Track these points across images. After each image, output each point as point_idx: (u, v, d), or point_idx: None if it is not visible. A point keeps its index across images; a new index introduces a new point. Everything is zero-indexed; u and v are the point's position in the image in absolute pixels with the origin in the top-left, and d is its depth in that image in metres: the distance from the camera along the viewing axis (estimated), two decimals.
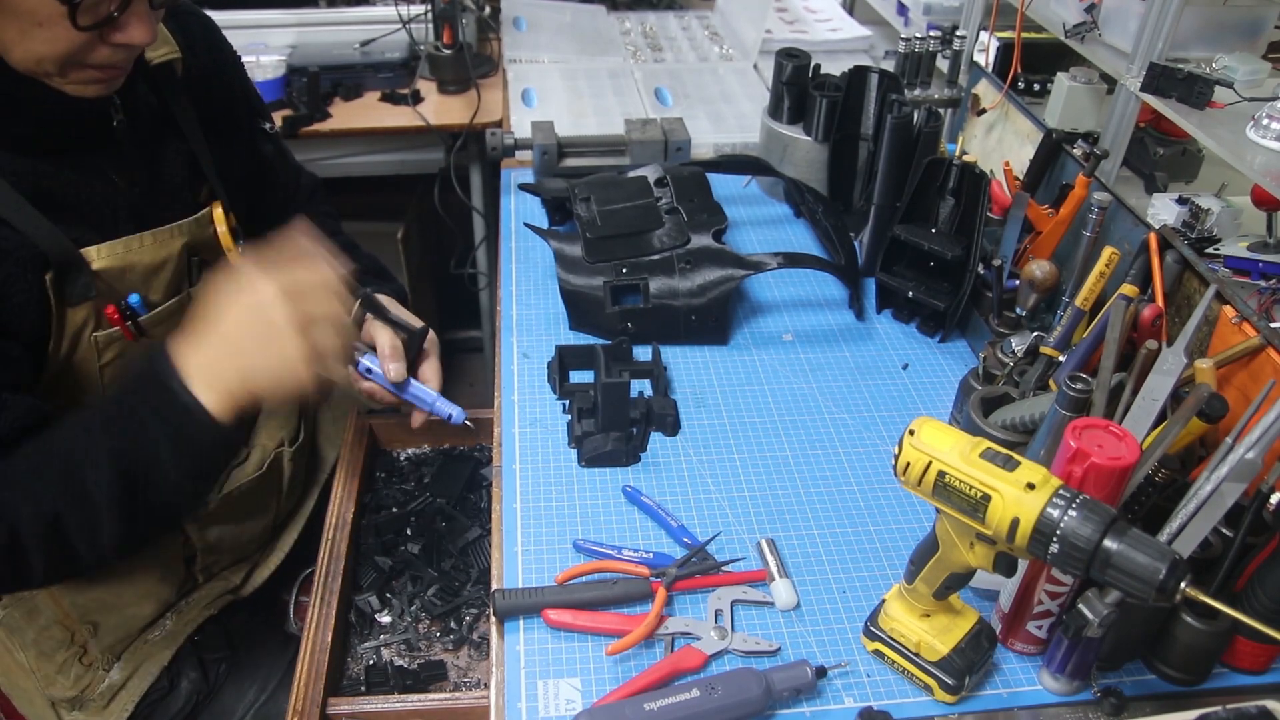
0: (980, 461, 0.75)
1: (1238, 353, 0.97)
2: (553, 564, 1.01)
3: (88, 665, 1.20)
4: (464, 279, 2.43)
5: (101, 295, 1.04)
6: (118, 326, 1.06)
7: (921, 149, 1.36)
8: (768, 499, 1.10)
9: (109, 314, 1.05)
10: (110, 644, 1.20)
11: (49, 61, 0.90)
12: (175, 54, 1.11)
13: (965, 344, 1.36)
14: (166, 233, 1.09)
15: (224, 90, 1.21)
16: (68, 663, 1.20)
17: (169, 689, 1.21)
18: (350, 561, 1.28)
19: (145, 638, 1.22)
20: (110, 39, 0.91)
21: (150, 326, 1.10)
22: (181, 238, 1.11)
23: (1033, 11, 1.51)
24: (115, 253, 1.04)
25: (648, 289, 1.30)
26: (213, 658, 1.24)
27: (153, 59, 1.08)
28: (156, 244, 1.08)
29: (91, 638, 1.20)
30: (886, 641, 0.90)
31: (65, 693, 1.19)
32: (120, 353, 1.08)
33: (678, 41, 2.34)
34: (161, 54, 1.09)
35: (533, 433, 1.17)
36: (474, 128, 2.02)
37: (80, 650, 1.20)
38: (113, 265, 1.04)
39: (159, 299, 1.11)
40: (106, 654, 1.20)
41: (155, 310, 1.10)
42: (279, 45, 2.10)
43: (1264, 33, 1.34)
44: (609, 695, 0.87)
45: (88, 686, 1.20)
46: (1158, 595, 0.68)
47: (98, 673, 1.20)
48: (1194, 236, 1.25)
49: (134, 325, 1.07)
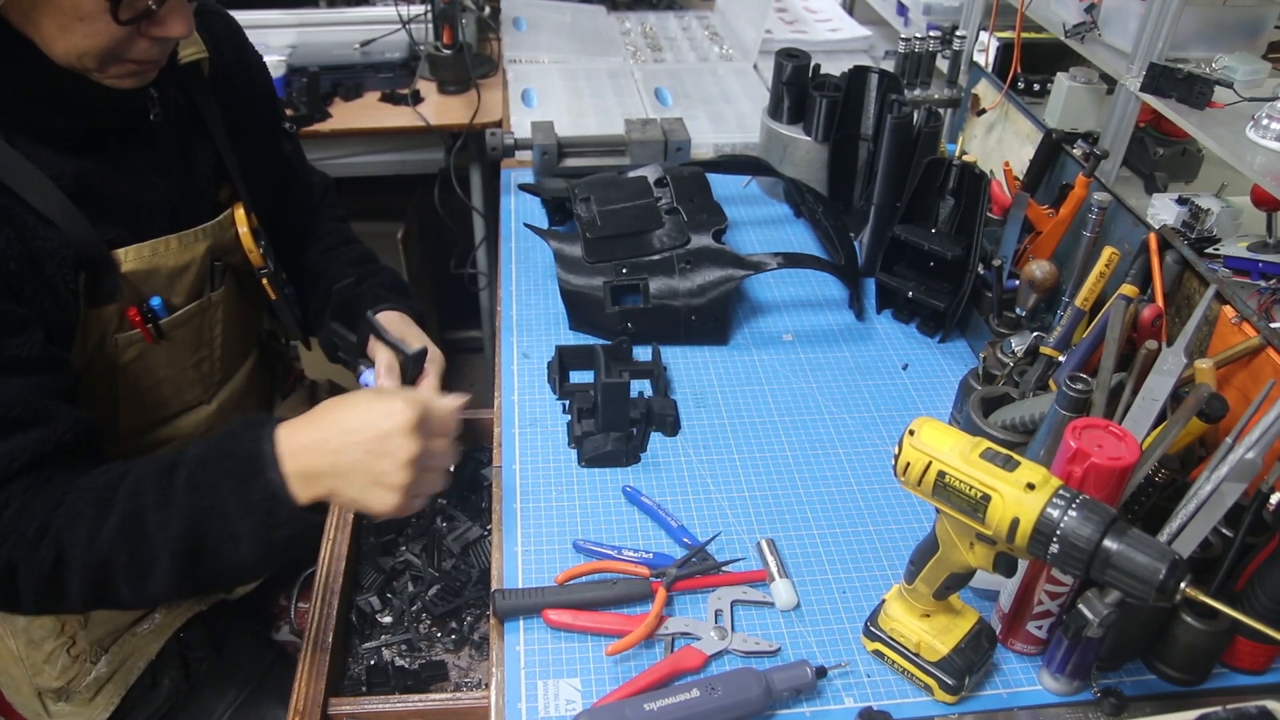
0: (980, 461, 0.75)
1: (1238, 353, 0.97)
2: (553, 564, 1.01)
3: (75, 657, 1.19)
4: (464, 279, 2.42)
5: (126, 297, 1.04)
6: (138, 329, 1.07)
7: (921, 149, 1.36)
8: (768, 499, 1.10)
9: (130, 315, 1.06)
10: (99, 636, 1.20)
11: (90, 56, 0.91)
12: (202, 53, 1.11)
13: (965, 344, 1.36)
14: (191, 236, 1.10)
15: (249, 89, 1.21)
16: (56, 653, 1.19)
17: (151, 684, 1.21)
18: (351, 562, 1.28)
19: (134, 631, 1.22)
20: (149, 32, 0.92)
21: (170, 329, 1.11)
22: (205, 241, 1.12)
23: (1033, 11, 1.51)
24: (142, 256, 1.05)
25: (648, 289, 1.30)
26: (196, 656, 1.24)
27: (182, 58, 1.09)
28: (182, 247, 1.09)
29: (81, 629, 1.20)
30: (886, 641, 0.90)
31: (52, 683, 1.19)
32: (138, 355, 1.08)
33: (678, 41, 2.34)
34: (189, 53, 1.10)
35: (533, 433, 1.18)
36: (474, 128, 2.02)
37: (69, 641, 1.20)
38: (140, 268, 1.05)
39: (181, 302, 1.12)
40: (94, 646, 1.20)
41: (176, 314, 1.11)
42: (279, 45, 2.10)
43: (1264, 33, 1.34)
44: (609, 695, 0.87)
45: (74, 678, 1.19)
46: (1158, 595, 0.68)
47: (84, 665, 1.20)
48: (1194, 236, 1.25)
49: (154, 328, 1.08)
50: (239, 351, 1.27)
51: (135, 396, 1.12)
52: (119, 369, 1.08)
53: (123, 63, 0.94)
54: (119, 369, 1.08)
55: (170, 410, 1.18)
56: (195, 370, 1.18)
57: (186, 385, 1.19)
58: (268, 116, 1.27)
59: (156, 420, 1.17)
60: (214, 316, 1.18)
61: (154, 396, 1.15)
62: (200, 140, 1.13)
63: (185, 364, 1.16)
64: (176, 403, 1.18)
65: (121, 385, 1.09)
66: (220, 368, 1.23)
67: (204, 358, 1.19)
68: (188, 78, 1.11)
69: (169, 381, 1.15)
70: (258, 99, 1.24)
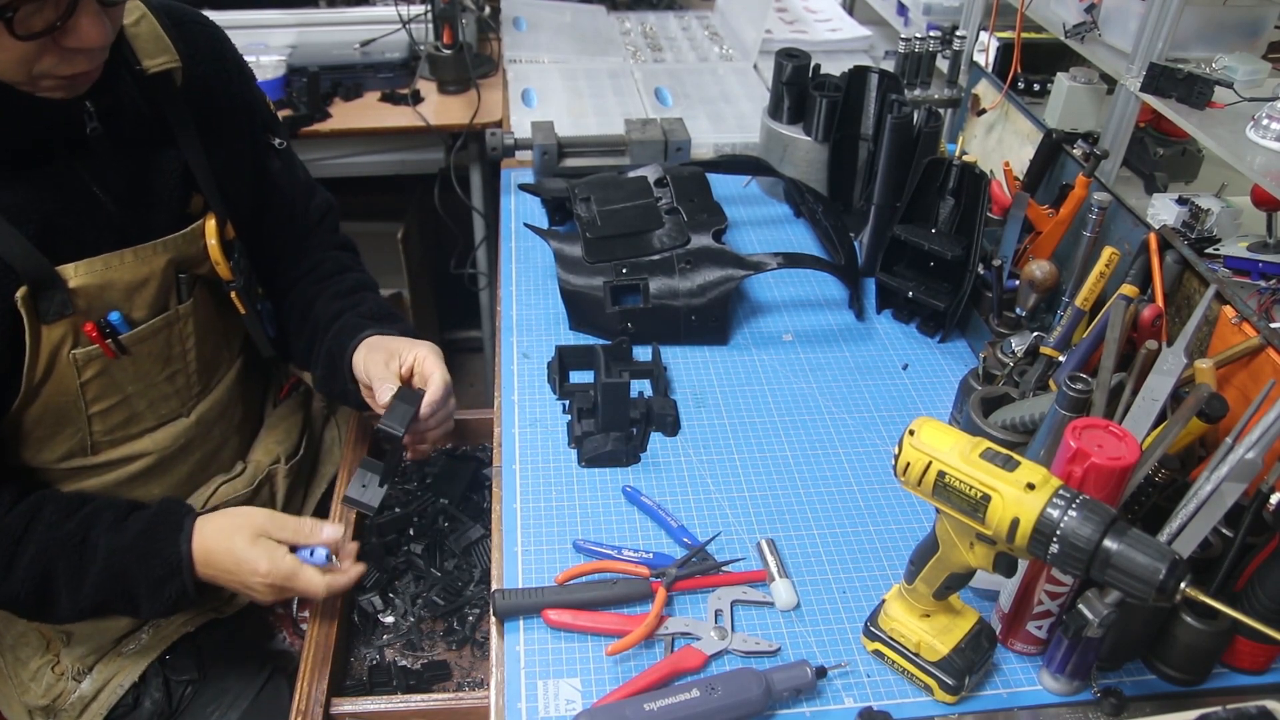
0: (980, 461, 0.75)
1: (1238, 353, 0.98)
2: (553, 564, 1.01)
3: (59, 675, 1.18)
4: (464, 279, 2.43)
5: (80, 312, 1.02)
6: (97, 344, 1.04)
7: (921, 149, 1.36)
8: (768, 499, 1.10)
9: (87, 331, 1.03)
10: (82, 654, 1.19)
11: (7, 71, 0.88)
12: (174, 63, 1.08)
13: (965, 344, 1.36)
14: (149, 249, 1.07)
15: (226, 101, 1.18)
16: (40, 670, 1.18)
17: (133, 705, 1.19)
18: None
19: (120, 650, 1.20)
20: (62, 43, 0.88)
21: (132, 344, 1.08)
22: (166, 254, 1.09)
23: (1033, 11, 1.51)
24: (94, 270, 1.02)
25: (648, 289, 1.30)
26: (179, 679, 1.22)
27: (149, 68, 1.06)
28: (138, 261, 1.06)
29: (64, 647, 1.18)
30: (886, 641, 0.90)
31: (38, 700, 1.18)
32: (101, 370, 1.07)
33: (678, 41, 2.34)
34: (159, 63, 1.07)
35: (533, 433, 1.18)
36: (474, 128, 2.02)
37: (53, 659, 1.19)
38: (90, 282, 1.02)
39: (142, 316, 1.09)
40: (78, 665, 1.18)
41: (138, 328, 1.08)
42: (279, 45, 2.10)
43: (1264, 33, 1.34)
44: (609, 695, 0.87)
45: (59, 696, 1.18)
46: (1158, 595, 0.68)
47: (68, 683, 1.18)
48: (1194, 236, 1.25)
49: (115, 343, 1.06)
50: (218, 362, 1.24)
51: (105, 412, 1.10)
52: (82, 385, 1.06)
53: (48, 76, 0.91)
54: (82, 385, 1.06)
55: (146, 424, 1.16)
56: (169, 384, 1.16)
57: (160, 399, 1.16)
58: (247, 129, 1.23)
59: (133, 433, 1.15)
60: (183, 329, 1.14)
61: (125, 410, 1.12)
62: (165, 150, 1.10)
63: (156, 377, 1.14)
64: (151, 416, 1.16)
65: (88, 400, 1.08)
66: (197, 380, 1.19)
67: (177, 371, 1.16)
68: (156, 87, 1.08)
69: (140, 396, 1.13)
70: (237, 111, 1.20)
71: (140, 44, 1.06)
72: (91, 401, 1.08)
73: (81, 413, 1.08)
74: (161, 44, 1.08)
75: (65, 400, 1.06)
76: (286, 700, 1.20)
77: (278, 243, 1.31)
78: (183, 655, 1.22)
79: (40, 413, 1.06)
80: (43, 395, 1.04)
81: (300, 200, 1.34)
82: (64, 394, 1.06)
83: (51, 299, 0.99)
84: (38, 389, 1.04)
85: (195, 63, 1.12)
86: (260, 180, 1.27)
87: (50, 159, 1.00)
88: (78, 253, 1.01)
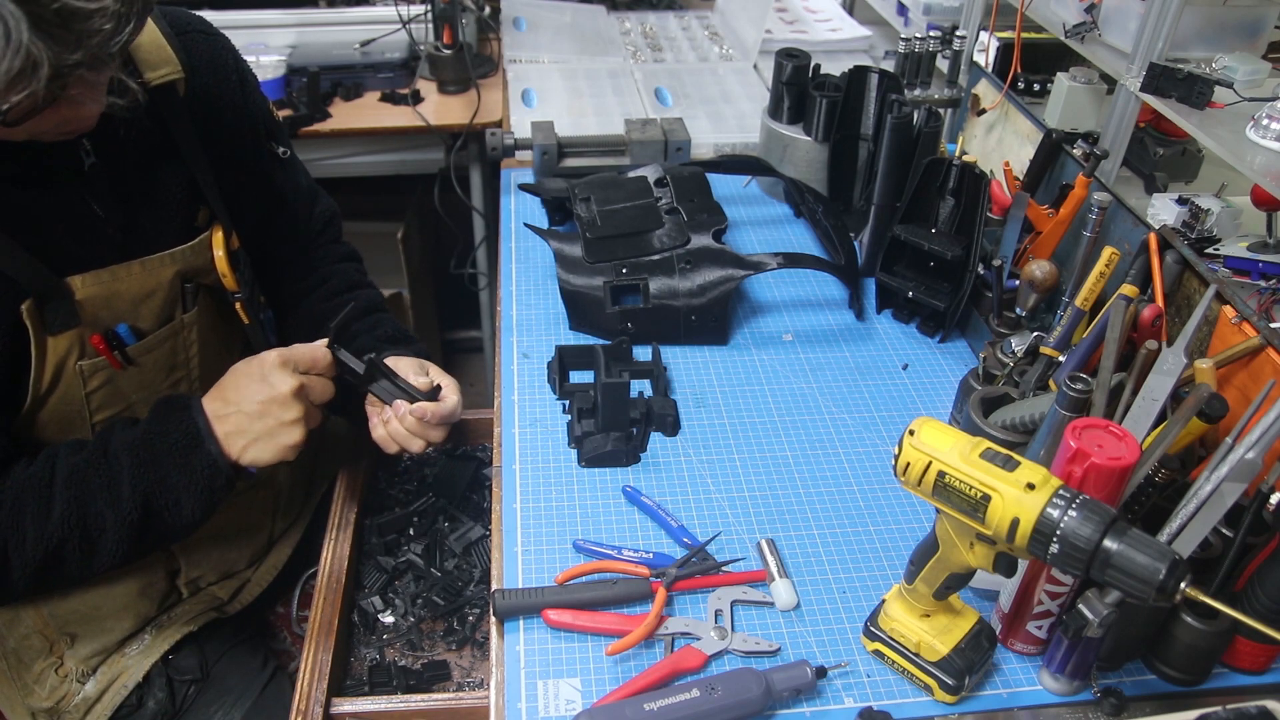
0: (980, 461, 0.75)
1: (1238, 353, 0.98)
2: (553, 564, 1.01)
3: (63, 677, 1.18)
4: (464, 279, 2.43)
5: (86, 324, 1.02)
6: (104, 355, 1.05)
7: (921, 149, 1.36)
8: (768, 499, 1.10)
9: (94, 343, 1.03)
10: (86, 656, 1.19)
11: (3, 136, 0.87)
12: (177, 74, 1.07)
13: (965, 344, 1.36)
14: (157, 261, 1.07)
15: (230, 110, 1.17)
16: (44, 673, 1.18)
17: (137, 705, 1.19)
18: (353, 562, 1.28)
19: (123, 651, 1.20)
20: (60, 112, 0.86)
21: (138, 355, 1.08)
22: (174, 266, 1.09)
23: (1033, 11, 1.51)
24: (100, 281, 1.02)
25: (648, 289, 1.30)
26: (182, 680, 1.22)
27: (152, 80, 1.05)
28: (145, 272, 1.06)
29: (68, 649, 1.18)
30: (886, 641, 0.90)
31: (42, 703, 1.18)
32: (107, 380, 1.07)
33: (678, 41, 2.34)
34: (162, 74, 1.06)
35: (533, 433, 1.18)
36: (474, 128, 2.02)
37: (57, 661, 1.19)
38: (97, 294, 1.02)
39: (149, 327, 1.09)
40: (82, 666, 1.19)
41: (145, 339, 1.08)
42: (279, 45, 2.10)
43: (1264, 33, 1.34)
44: (609, 695, 0.87)
45: (63, 698, 1.18)
46: (1158, 595, 0.68)
47: (72, 685, 1.18)
48: (1194, 236, 1.25)
49: (121, 354, 1.06)
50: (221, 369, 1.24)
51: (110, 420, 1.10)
52: (88, 394, 1.06)
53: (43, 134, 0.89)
54: (88, 394, 1.06)
55: None
56: (172, 390, 1.16)
57: None
58: (251, 139, 1.22)
59: None
60: (188, 338, 1.15)
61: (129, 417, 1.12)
62: (170, 163, 1.09)
63: (159, 386, 1.14)
64: None
65: (92, 409, 1.08)
66: (200, 387, 1.19)
67: (180, 378, 1.16)
68: (159, 99, 1.07)
69: (143, 403, 1.12)
70: (240, 121, 1.19)
71: (142, 55, 1.04)
72: (96, 410, 1.08)
73: (86, 420, 1.08)
74: (164, 54, 1.07)
75: (71, 409, 1.06)
76: (289, 699, 1.20)
77: (282, 251, 1.31)
78: (186, 655, 1.23)
79: (46, 420, 1.06)
80: (49, 405, 1.05)
81: (304, 208, 1.34)
82: (70, 403, 1.06)
83: (58, 310, 0.99)
84: (44, 399, 1.04)
85: (197, 73, 1.11)
86: (264, 189, 1.26)
87: (51, 179, 0.99)
88: (79, 267, 1.01)
